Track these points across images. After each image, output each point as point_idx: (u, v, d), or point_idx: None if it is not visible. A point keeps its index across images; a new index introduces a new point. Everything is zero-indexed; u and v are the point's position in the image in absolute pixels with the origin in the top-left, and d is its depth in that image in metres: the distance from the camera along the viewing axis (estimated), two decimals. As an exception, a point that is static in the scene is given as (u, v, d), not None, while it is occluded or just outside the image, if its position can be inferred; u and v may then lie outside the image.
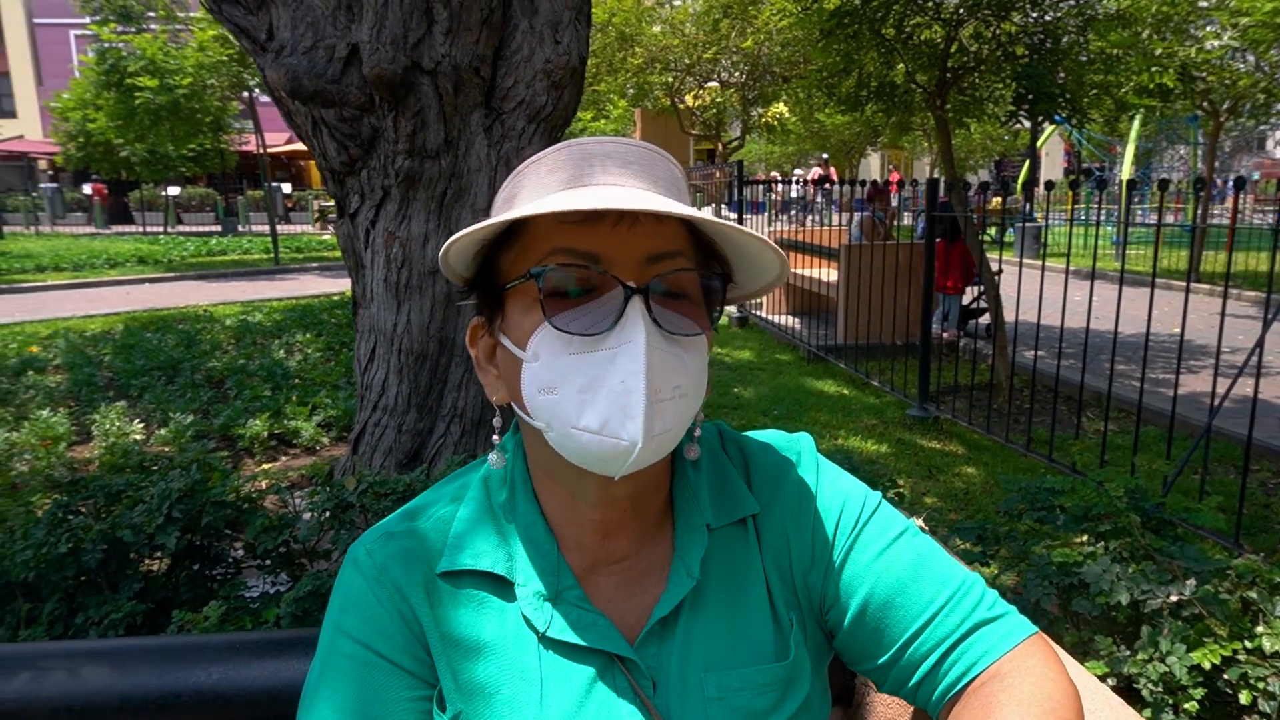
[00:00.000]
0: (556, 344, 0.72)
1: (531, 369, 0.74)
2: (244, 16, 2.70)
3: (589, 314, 0.72)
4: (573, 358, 0.72)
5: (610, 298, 0.73)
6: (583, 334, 0.71)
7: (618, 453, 0.71)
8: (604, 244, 0.73)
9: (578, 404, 0.71)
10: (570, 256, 0.73)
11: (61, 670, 1.14)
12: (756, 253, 0.80)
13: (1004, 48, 6.27)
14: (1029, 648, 0.81)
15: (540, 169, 0.78)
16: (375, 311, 3.04)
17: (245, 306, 9.72)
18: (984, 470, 4.71)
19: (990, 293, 6.41)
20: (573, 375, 0.71)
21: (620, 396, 0.70)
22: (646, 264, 0.74)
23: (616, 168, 0.77)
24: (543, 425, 0.74)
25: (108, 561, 2.01)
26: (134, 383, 5.58)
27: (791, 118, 18.57)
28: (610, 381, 0.71)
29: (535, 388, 0.74)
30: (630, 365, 0.70)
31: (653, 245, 0.74)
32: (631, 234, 0.73)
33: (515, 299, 0.77)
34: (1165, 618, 1.84)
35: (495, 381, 0.82)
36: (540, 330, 0.73)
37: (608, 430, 0.71)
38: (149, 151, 17.28)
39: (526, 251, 0.76)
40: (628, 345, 0.71)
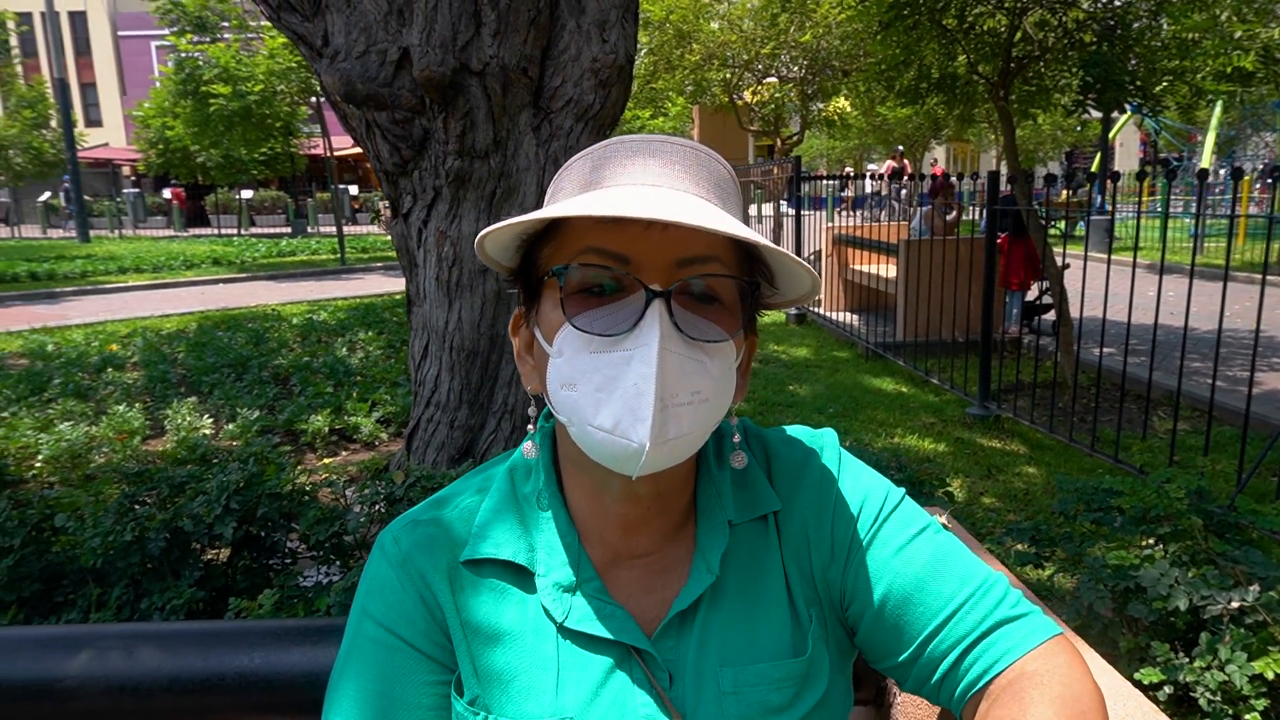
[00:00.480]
0: (578, 341, 0.73)
1: (555, 364, 0.75)
2: (301, 24, 2.79)
3: (611, 314, 0.73)
4: (592, 356, 0.73)
5: (633, 299, 0.73)
6: (602, 334, 0.72)
7: (628, 454, 0.72)
8: (634, 246, 0.73)
9: (594, 402, 0.72)
10: (600, 256, 0.73)
11: (117, 651, 1.20)
12: (792, 264, 0.79)
13: (1071, 35, 6.08)
14: (1054, 647, 0.79)
15: (586, 164, 0.79)
16: (428, 309, 3.11)
17: (311, 305, 10.01)
18: (1046, 470, 4.58)
19: (1055, 288, 6.22)
20: (591, 374, 0.72)
21: (632, 399, 0.71)
22: (676, 267, 0.74)
23: (659, 167, 0.76)
24: (565, 419, 0.76)
25: (170, 550, 2.10)
26: (205, 379, 5.80)
27: (853, 112, 18.30)
28: (625, 383, 0.71)
29: (557, 383, 0.75)
30: (643, 369, 0.71)
31: (684, 249, 0.74)
32: (663, 237, 0.73)
33: (547, 293, 0.78)
34: (1226, 624, 1.77)
35: (531, 371, 0.84)
36: (564, 327, 0.74)
37: (619, 431, 0.71)
38: (223, 156, 17.92)
39: (562, 247, 0.77)
40: (643, 348, 0.71)
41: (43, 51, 29.25)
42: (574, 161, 0.81)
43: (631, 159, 0.77)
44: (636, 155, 0.77)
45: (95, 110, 38.59)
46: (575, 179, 0.79)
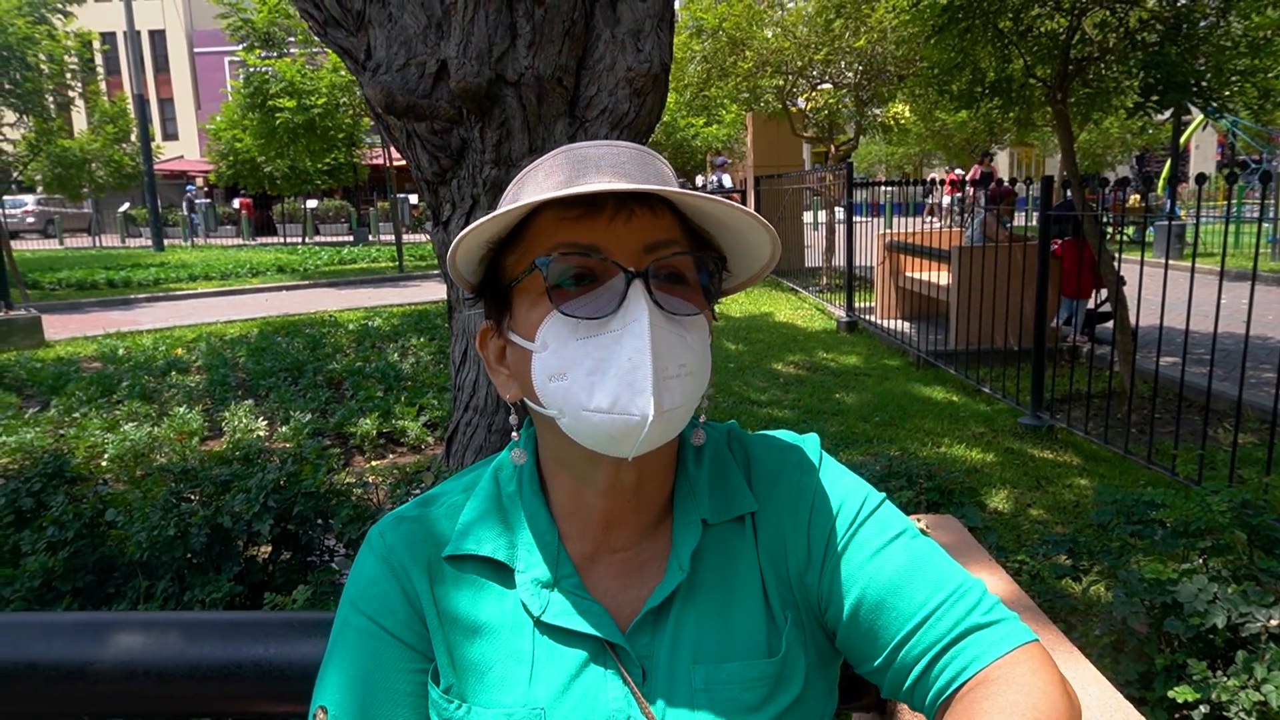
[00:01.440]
0: (563, 331, 0.76)
1: (541, 358, 0.78)
2: (346, 38, 2.88)
3: (593, 300, 0.76)
4: (579, 343, 0.75)
5: (613, 284, 0.77)
6: (588, 318, 0.75)
7: (629, 429, 0.74)
8: (602, 236, 0.77)
9: (587, 386, 0.75)
10: (572, 249, 0.77)
11: (144, 637, 1.26)
12: (748, 233, 0.83)
13: (1132, 35, 5.91)
14: (1020, 655, 0.78)
15: (538, 174, 0.82)
16: (467, 315, 3.17)
17: (368, 312, 10.26)
18: (1099, 482, 4.45)
19: (1114, 296, 6.04)
20: (580, 359, 0.75)
21: (628, 374, 0.74)
22: (644, 253, 0.77)
23: (609, 168, 0.80)
24: (555, 412, 0.78)
25: (211, 545, 2.19)
26: (262, 383, 5.99)
27: (910, 117, 18.02)
28: (618, 361, 0.74)
29: (545, 376, 0.77)
30: (636, 343, 0.74)
31: (649, 235, 0.78)
32: (628, 226, 0.77)
33: (521, 295, 0.81)
34: (1265, 643, 1.71)
35: (507, 380, 0.86)
36: (548, 319, 0.77)
37: (618, 408, 0.74)
38: (289, 167, 18.51)
39: (529, 250, 0.80)
40: (632, 324, 0.74)
41: (124, 68, 30.57)
42: (525, 172, 0.84)
43: (584, 163, 0.80)
44: (588, 160, 0.81)
45: (172, 124, 40.22)
46: (530, 187, 0.82)
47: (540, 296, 0.78)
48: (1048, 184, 5.65)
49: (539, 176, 0.82)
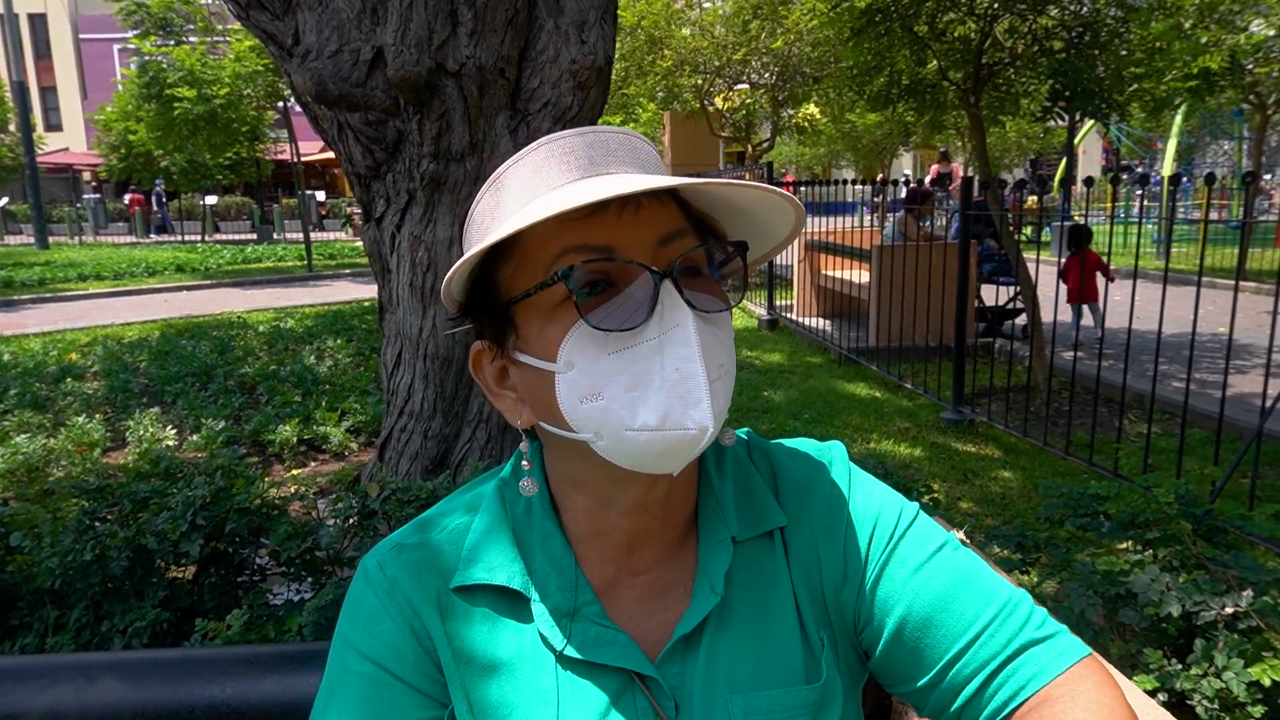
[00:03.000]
0: (591, 346, 0.68)
1: (568, 379, 0.69)
2: (271, 22, 2.70)
3: (619, 308, 0.68)
4: (612, 357, 0.67)
5: (638, 287, 0.68)
6: (620, 329, 0.67)
7: (684, 444, 0.67)
8: (614, 234, 0.68)
9: (629, 404, 0.67)
10: (585, 253, 0.68)
11: (76, 682, 1.12)
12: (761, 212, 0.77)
13: (1040, 42, 6.14)
14: (1082, 670, 0.75)
15: (523, 171, 0.72)
16: (401, 316, 3.03)
17: (278, 313, 9.83)
18: (1021, 474, 4.60)
19: (1027, 293, 6.27)
20: (617, 376, 0.67)
21: (677, 385, 0.66)
22: (659, 247, 0.70)
23: (602, 156, 0.72)
24: (589, 435, 0.70)
25: (133, 569, 2.01)
26: (168, 389, 5.65)
27: (822, 119, 18.42)
28: (662, 372, 0.67)
29: (576, 398, 0.69)
30: (683, 350, 0.66)
31: (660, 228, 0.70)
32: (638, 220, 0.69)
33: (530, 311, 0.72)
34: (1220, 630, 1.76)
35: (516, 405, 0.77)
36: (572, 336, 0.68)
37: (670, 423, 0.66)
38: (187, 161, 17.61)
39: (529, 259, 0.71)
40: (674, 330, 0.67)
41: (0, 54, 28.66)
42: (507, 170, 0.74)
43: (573, 154, 0.72)
44: (577, 149, 0.72)
45: (55, 114, 37.85)
46: (519, 187, 0.72)
47: (555, 310, 0.70)
48: (968, 185, 5.82)
49: (524, 175, 0.72)
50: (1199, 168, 23.15)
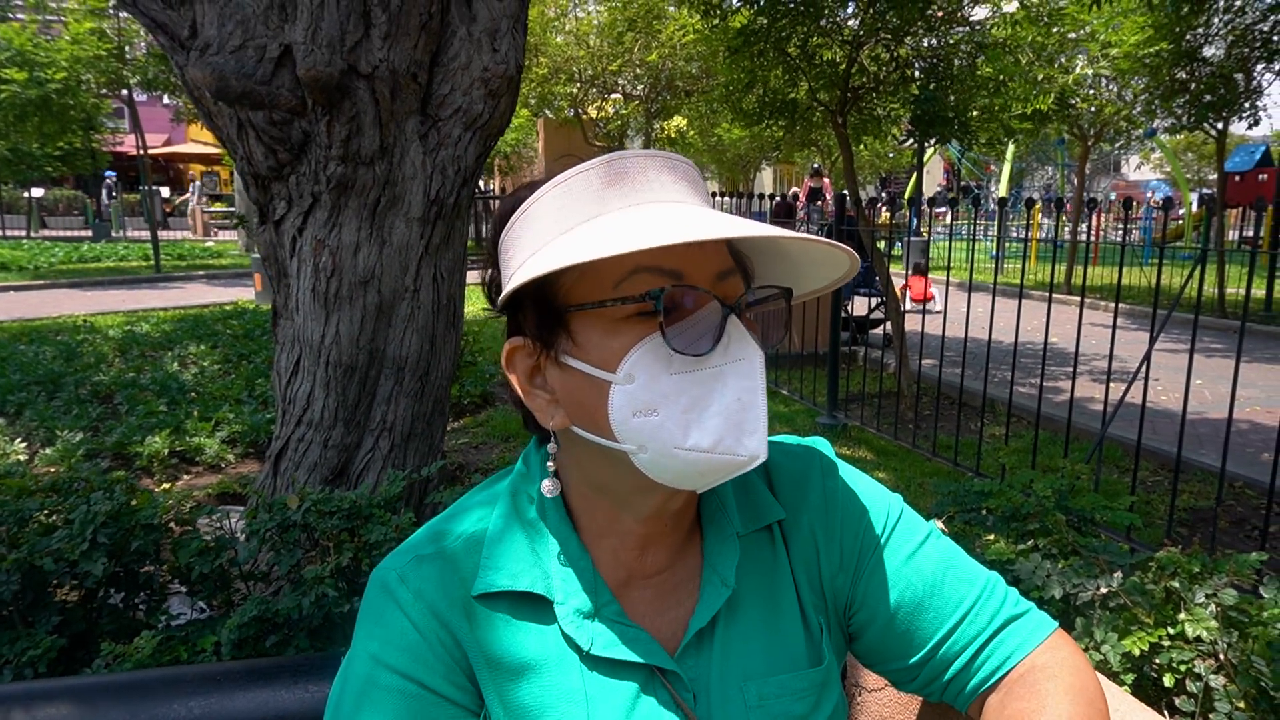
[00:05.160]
0: (655, 364, 0.71)
1: (626, 391, 0.71)
2: (162, 11, 2.56)
3: (686, 331, 0.71)
4: (674, 378, 0.70)
5: (706, 314, 0.72)
6: (689, 353, 0.70)
7: (731, 467, 0.72)
8: (684, 261, 0.72)
9: (683, 425, 0.70)
10: (660, 275, 0.71)
11: (19, 712, 1.04)
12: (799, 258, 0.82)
13: (901, 70, 6.58)
14: (1056, 640, 0.86)
15: (593, 180, 0.74)
16: (301, 322, 2.93)
17: (129, 316, 9.15)
18: (894, 474, 4.90)
19: (891, 304, 6.69)
20: (676, 396, 0.70)
21: (736, 414, 0.70)
22: (717, 280, 0.74)
23: (671, 182, 0.76)
24: (633, 447, 0.72)
25: (23, 593, 1.86)
26: (10, 398, 5.17)
27: (690, 131, 18.86)
28: (722, 399, 0.70)
29: (630, 410, 0.71)
30: (746, 383, 0.71)
31: (720, 262, 0.75)
32: (702, 251, 0.73)
33: (591, 321, 0.73)
34: (1096, 609, 1.97)
35: (549, 405, 0.78)
36: (639, 350, 0.71)
37: (721, 448, 0.70)
38: (10, 150, 16.05)
39: (595, 272, 0.73)
40: (739, 363, 0.71)
41: None
42: (569, 178, 0.75)
43: (642, 175, 0.75)
44: (646, 170, 0.75)
45: None
46: (584, 198, 0.74)
47: (621, 324, 0.72)
48: (841, 201, 6.14)
49: (594, 186, 0.74)
50: (1027, 190, 25.25)
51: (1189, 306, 10.57)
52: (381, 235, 2.81)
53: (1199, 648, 1.79)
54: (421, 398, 3.11)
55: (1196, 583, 1.89)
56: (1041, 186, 25.28)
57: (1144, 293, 12.44)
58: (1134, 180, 33.05)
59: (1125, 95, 11.60)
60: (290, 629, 1.83)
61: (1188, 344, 3.33)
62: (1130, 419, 3.56)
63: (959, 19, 6.73)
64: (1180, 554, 1.94)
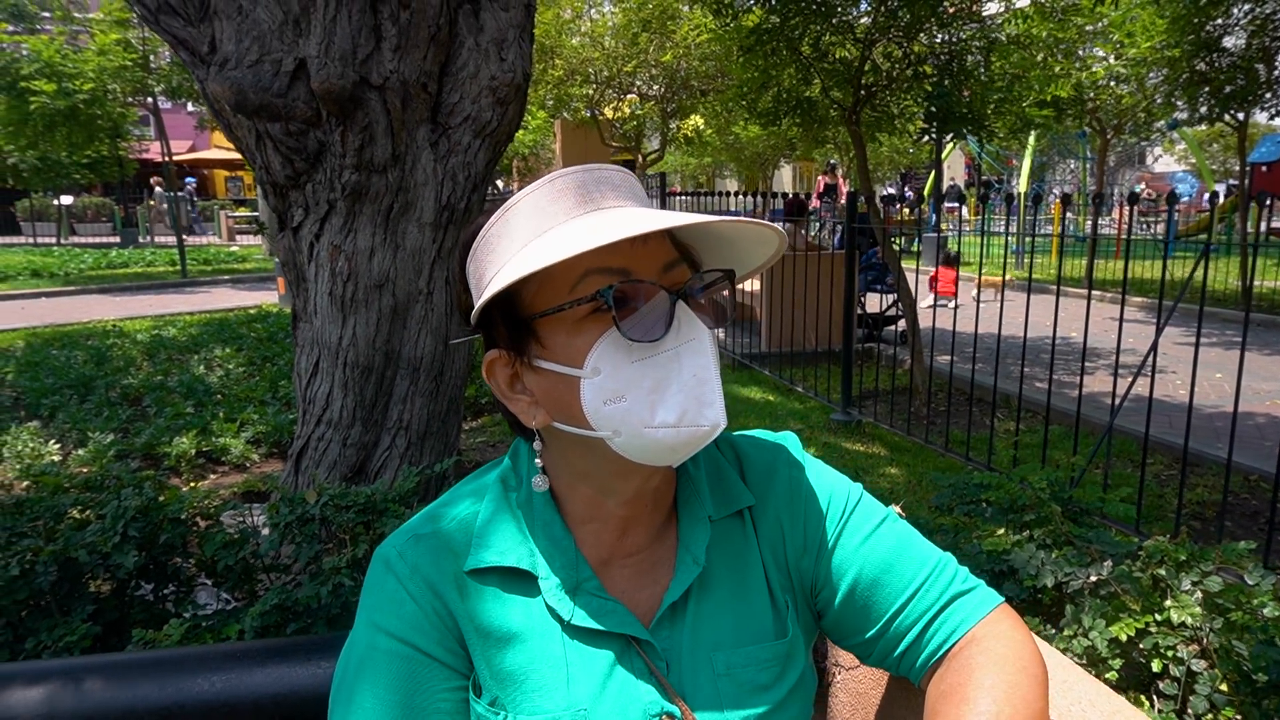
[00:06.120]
0: (617, 355, 0.78)
1: (594, 383, 0.79)
2: (184, 28, 2.67)
3: (640, 322, 0.79)
4: (635, 365, 0.78)
5: (656, 304, 0.79)
6: (644, 340, 0.78)
7: (695, 439, 0.79)
8: (629, 260, 0.79)
9: (649, 405, 0.78)
10: (608, 274, 0.79)
11: (63, 686, 1.14)
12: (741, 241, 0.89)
13: (914, 67, 6.60)
14: (999, 614, 0.92)
15: (540, 200, 0.82)
16: (319, 325, 3.03)
17: (156, 321, 9.35)
18: (906, 470, 4.94)
19: (906, 301, 6.71)
20: (639, 380, 0.78)
21: (694, 388, 0.78)
22: (664, 271, 0.81)
23: (611, 190, 0.84)
24: (608, 433, 0.80)
25: (59, 583, 1.97)
26: (44, 402, 5.33)
27: (708, 130, 18.90)
28: (680, 377, 0.78)
29: (600, 400, 0.79)
30: (699, 359, 0.79)
31: (664, 255, 0.82)
32: (647, 249, 0.81)
33: (555, 325, 0.81)
34: (1086, 596, 2.02)
35: (530, 407, 0.86)
36: (600, 345, 0.78)
37: (686, 421, 0.78)
38: (40, 159, 16.40)
39: (552, 280, 0.80)
40: (691, 342, 0.79)
41: None
42: (522, 199, 0.83)
43: (586, 187, 0.83)
44: (588, 184, 0.83)
45: (-122, 103, 34.38)
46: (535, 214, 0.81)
47: (581, 323, 0.79)
48: (853, 199, 6.17)
49: (542, 203, 0.82)
50: (1049, 184, 25.01)
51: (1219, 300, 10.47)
52: (395, 240, 2.91)
53: (1183, 633, 1.84)
54: (436, 397, 3.21)
55: (1183, 570, 1.94)
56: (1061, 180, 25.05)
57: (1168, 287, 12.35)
58: (1160, 172, 32.64)
59: (1145, 87, 11.51)
60: (309, 617, 1.93)
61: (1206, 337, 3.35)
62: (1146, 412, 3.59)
63: (971, 15, 6.73)
64: (1168, 543, 1.99)
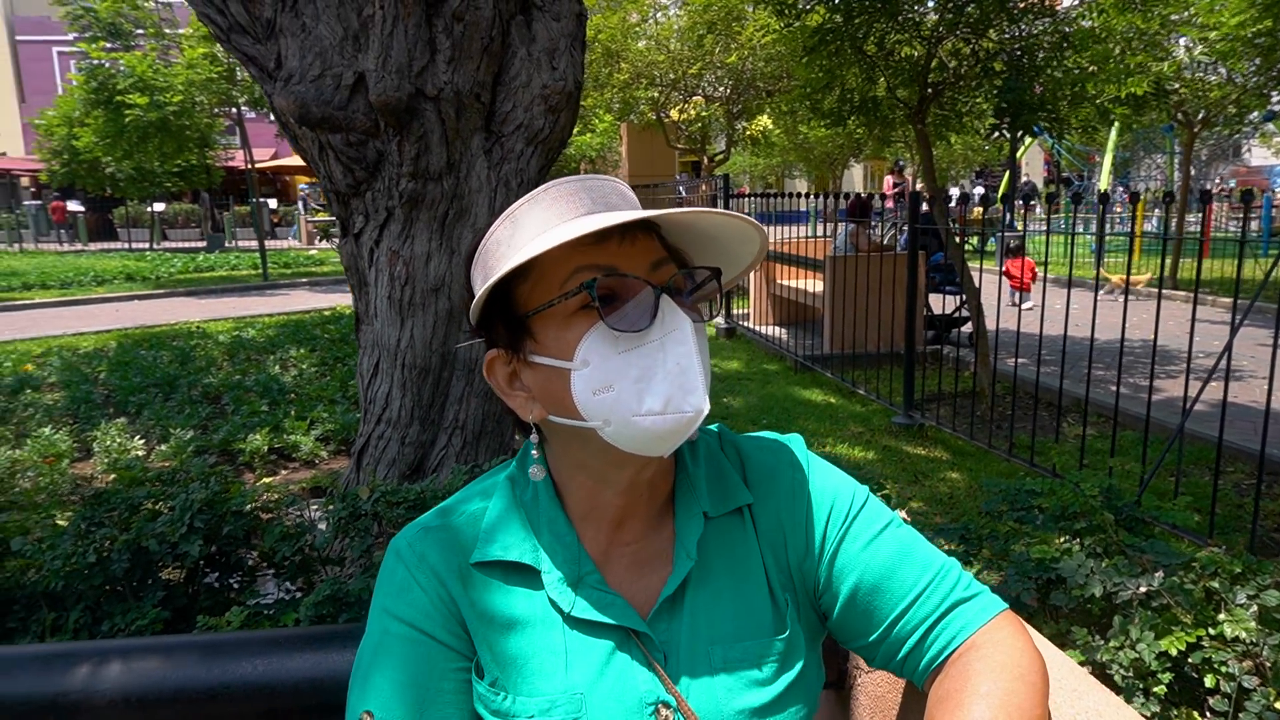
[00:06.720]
0: (605, 347, 0.83)
1: (583, 374, 0.84)
2: (253, 46, 2.81)
3: (627, 315, 0.84)
4: (622, 356, 0.83)
5: (642, 298, 0.84)
6: (629, 331, 0.82)
7: (681, 425, 0.83)
8: (616, 257, 0.85)
9: (636, 393, 0.82)
10: (596, 270, 0.84)
11: (119, 665, 1.23)
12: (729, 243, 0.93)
13: (982, 64, 6.45)
14: (1000, 622, 0.92)
15: (536, 208, 0.87)
16: (379, 328, 3.14)
17: (237, 323, 9.78)
18: (968, 475, 4.84)
19: (972, 302, 6.56)
20: (626, 370, 0.82)
21: (677, 376, 0.82)
22: (651, 269, 0.86)
23: (600, 197, 0.89)
24: (599, 423, 0.84)
25: (132, 570, 2.10)
26: (131, 399, 5.64)
27: (775, 130, 18.78)
28: (665, 366, 0.82)
29: (590, 390, 0.83)
30: (681, 348, 0.83)
31: (651, 254, 0.87)
32: (634, 248, 0.86)
33: (547, 321, 0.86)
34: (1135, 608, 1.96)
35: (527, 402, 0.91)
36: (588, 337, 0.83)
37: (671, 408, 0.82)
38: (135, 169, 17.29)
39: (545, 279, 0.86)
40: (674, 332, 0.83)
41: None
42: (520, 206, 0.88)
43: (577, 194, 0.88)
44: (579, 191, 0.88)
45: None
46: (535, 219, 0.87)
47: (571, 318, 0.84)
48: (915, 200, 6.08)
49: (538, 210, 0.87)
50: (1134, 180, 24.04)
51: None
52: (451, 245, 3.00)
53: (1236, 649, 1.77)
54: (491, 397, 3.30)
55: (1239, 583, 1.87)
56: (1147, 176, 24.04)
57: (1249, 287, 11.76)
58: (1257, 166, 31.01)
59: (1235, 78, 10.99)
60: (361, 607, 2.01)
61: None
62: (1229, 418, 3.45)
63: (1044, 8, 6.55)
64: (1223, 554, 1.92)
